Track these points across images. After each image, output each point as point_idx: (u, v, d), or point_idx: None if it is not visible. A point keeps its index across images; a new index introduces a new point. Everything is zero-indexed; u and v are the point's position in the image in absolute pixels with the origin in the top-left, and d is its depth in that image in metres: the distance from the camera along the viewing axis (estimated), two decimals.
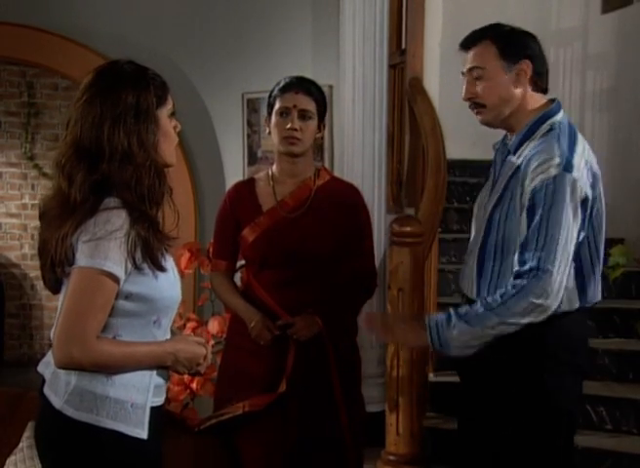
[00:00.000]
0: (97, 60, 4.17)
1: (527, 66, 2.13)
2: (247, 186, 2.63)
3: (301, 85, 2.54)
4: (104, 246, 1.61)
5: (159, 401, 1.76)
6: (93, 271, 1.61)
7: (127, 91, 1.68)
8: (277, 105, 2.53)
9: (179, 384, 3.32)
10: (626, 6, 4.26)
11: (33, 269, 6.76)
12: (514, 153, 2.14)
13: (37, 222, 1.77)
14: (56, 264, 1.67)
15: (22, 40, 4.88)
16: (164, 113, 1.74)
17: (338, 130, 4.05)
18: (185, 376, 3.25)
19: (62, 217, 1.65)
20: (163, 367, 1.74)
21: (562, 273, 1.98)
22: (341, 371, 2.51)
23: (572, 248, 2.01)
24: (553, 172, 1.99)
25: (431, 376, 3.38)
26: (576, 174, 2.01)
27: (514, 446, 2.09)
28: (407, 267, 2.90)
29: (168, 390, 3.23)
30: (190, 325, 3.49)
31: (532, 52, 2.15)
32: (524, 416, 2.07)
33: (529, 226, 2.01)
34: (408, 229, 2.88)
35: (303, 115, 2.50)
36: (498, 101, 2.14)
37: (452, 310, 2.06)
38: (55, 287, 1.75)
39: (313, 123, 2.53)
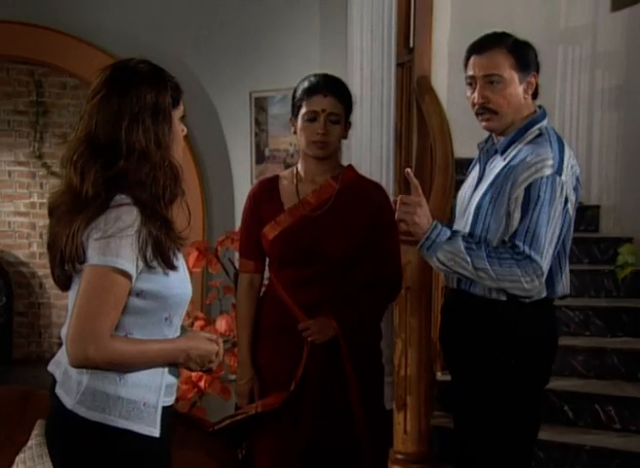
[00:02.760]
0: (105, 59, 4.18)
1: (535, 79, 2.28)
2: (270, 184, 2.58)
3: (330, 87, 2.47)
4: (116, 243, 1.60)
5: (170, 400, 1.77)
6: (105, 269, 1.60)
7: (146, 89, 1.68)
8: (304, 109, 2.46)
9: (187, 383, 3.32)
10: (636, 3, 4.24)
11: (42, 268, 6.79)
12: (502, 154, 2.28)
13: (46, 221, 1.77)
14: (65, 260, 1.67)
15: (31, 39, 4.89)
16: (177, 115, 1.75)
17: None
18: (194, 375, 3.25)
19: (73, 213, 1.65)
20: (175, 364, 1.75)
21: (545, 266, 2.16)
22: (360, 374, 2.47)
23: (554, 243, 2.18)
24: (547, 172, 2.15)
25: (439, 375, 3.37)
26: (564, 177, 2.17)
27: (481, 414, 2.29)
28: (415, 266, 2.89)
29: (177, 388, 3.25)
30: (198, 323, 3.49)
31: (537, 65, 2.30)
32: (487, 389, 2.26)
33: (521, 220, 2.16)
34: None
35: (332, 119, 2.45)
36: (509, 110, 2.26)
37: (459, 233, 2.23)
38: (64, 284, 1.75)
39: (341, 125, 2.48)
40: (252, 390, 2.54)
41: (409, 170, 2.26)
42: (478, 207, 2.27)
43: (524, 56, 2.27)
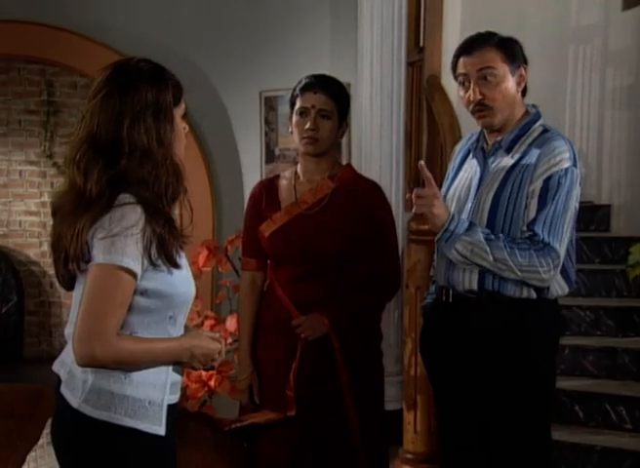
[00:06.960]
0: (116, 59, 4.18)
1: (525, 72, 2.29)
2: (271, 184, 2.65)
3: (321, 84, 2.53)
4: (121, 242, 1.61)
5: (175, 398, 1.77)
6: (111, 267, 1.61)
7: (147, 88, 1.68)
8: (297, 105, 2.53)
9: (197, 382, 3.33)
10: None
11: (52, 267, 6.79)
12: (508, 151, 2.28)
13: None
14: (70, 260, 1.67)
15: (42, 39, 4.91)
16: (178, 113, 1.75)
17: (355, 128, 4.04)
18: (204, 374, 3.27)
19: (77, 213, 1.65)
20: (179, 362, 1.75)
21: (562, 255, 2.20)
22: (354, 373, 2.47)
23: (569, 233, 2.23)
24: (565, 165, 2.19)
25: None
26: (578, 170, 2.23)
27: (503, 413, 2.26)
28: (424, 265, 2.90)
29: (186, 388, 3.26)
30: (208, 323, 3.50)
31: (525, 58, 2.30)
32: (514, 387, 2.25)
33: (540, 210, 2.18)
34: (425, 227, 2.86)
35: (322, 115, 2.50)
36: (505, 105, 2.26)
37: (476, 224, 2.23)
38: (68, 283, 1.76)
39: (332, 122, 2.52)
40: (251, 386, 2.57)
41: (422, 162, 2.28)
42: (494, 203, 2.25)
43: (511, 49, 2.28)
